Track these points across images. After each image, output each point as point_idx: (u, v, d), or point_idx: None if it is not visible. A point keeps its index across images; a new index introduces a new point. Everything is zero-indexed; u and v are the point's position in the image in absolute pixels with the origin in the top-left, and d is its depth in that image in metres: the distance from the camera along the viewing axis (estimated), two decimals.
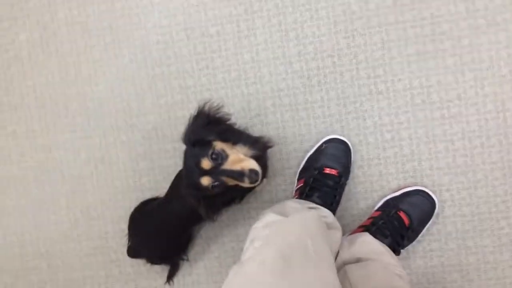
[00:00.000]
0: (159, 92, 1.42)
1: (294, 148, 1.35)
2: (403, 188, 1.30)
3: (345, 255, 1.16)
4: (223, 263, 1.41)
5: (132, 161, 1.44)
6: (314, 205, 1.19)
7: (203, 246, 1.42)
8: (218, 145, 0.99)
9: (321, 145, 1.31)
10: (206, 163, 0.97)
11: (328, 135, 1.32)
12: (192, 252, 1.42)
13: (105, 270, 1.47)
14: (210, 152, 0.97)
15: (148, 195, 1.43)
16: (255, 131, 1.35)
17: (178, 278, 1.43)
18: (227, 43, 1.38)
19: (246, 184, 0.98)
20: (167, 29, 1.40)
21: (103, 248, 1.47)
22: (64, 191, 1.48)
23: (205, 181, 0.98)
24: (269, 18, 1.35)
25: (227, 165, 0.98)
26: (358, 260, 1.13)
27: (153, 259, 1.35)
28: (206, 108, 1.03)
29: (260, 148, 1.09)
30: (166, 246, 1.31)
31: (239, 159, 0.99)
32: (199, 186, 0.99)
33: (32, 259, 1.51)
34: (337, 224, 1.17)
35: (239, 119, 1.36)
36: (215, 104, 1.04)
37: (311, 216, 0.98)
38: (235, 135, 1.05)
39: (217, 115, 1.04)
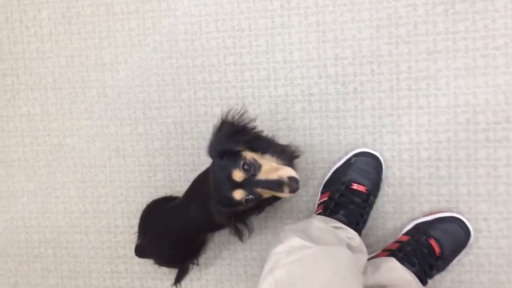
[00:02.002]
0: (182, 86, 1.33)
1: (321, 158, 1.26)
2: (436, 213, 1.19)
3: (369, 281, 1.07)
4: (233, 271, 1.33)
5: (148, 155, 1.37)
6: (339, 224, 1.10)
7: (214, 252, 1.34)
8: (248, 155, 0.91)
9: (351, 157, 1.21)
10: (238, 175, 0.89)
11: (359, 147, 1.22)
12: (203, 257, 1.34)
13: (111, 266, 1.41)
14: (241, 162, 0.89)
15: (161, 192, 1.35)
16: (280, 136, 1.26)
17: (186, 282, 1.36)
18: (258, 39, 1.28)
19: (285, 194, 0.89)
20: (196, 18, 1.31)
21: (111, 242, 1.40)
22: (74, 180, 1.41)
23: (238, 194, 0.90)
24: (306, 16, 1.24)
25: (262, 175, 0.90)
26: None
27: (162, 262, 1.28)
28: (230, 116, 0.96)
29: (287, 157, 1.01)
30: (176, 250, 1.23)
31: (273, 168, 0.91)
32: (231, 201, 0.91)
33: (37, 247, 1.45)
34: (363, 248, 1.07)
35: (264, 121, 1.27)
36: (239, 111, 0.97)
37: (344, 254, 0.90)
38: (263, 144, 0.98)
39: (242, 123, 0.96)
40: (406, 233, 1.20)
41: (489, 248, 1.19)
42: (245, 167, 0.89)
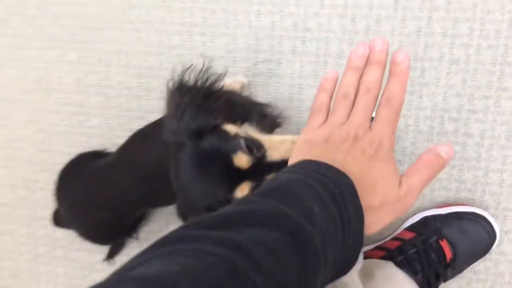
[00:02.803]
0: (131, 1, 0.96)
1: None
2: (453, 205, 0.90)
3: None
4: None
5: (80, 92, 1.02)
6: None
7: (159, 225, 1.03)
8: (234, 129, 0.63)
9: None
10: (244, 159, 0.59)
11: None
12: (144, 229, 1.04)
13: (27, 228, 1.09)
14: (241, 140, 0.60)
15: (96, 144, 1.02)
16: (258, 84, 0.92)
17: (122, 258, 1.06)
18: None
19: None
20: None
21: (28, 200, 1.08)
22: None
23: (244, 189, 0.60)
24: None
25: (273, 155, 0.61)
26: None
27: (85, 236, 0.96)
28: (191, 77, 0.63)
29: (267, 125, 0.69)
30: (103, 225, 0.92)
31: (277, 141, 0.63)
32: (226, 203, 0.58)
33: None
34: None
35: (238, 61, 0.93)
36: (202, 68, 0.64)
37: None
38: (241, 108, 0.70)
39: (210, 84, 0.64)
40: (410, 228, 0.91)
41: None
42: (248, 145, 0.61)
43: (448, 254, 0.86)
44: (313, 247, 0.37)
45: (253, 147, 0.61)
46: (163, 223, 1.03)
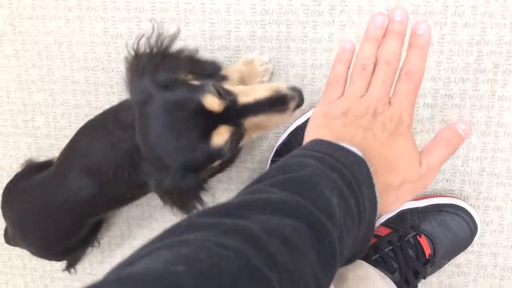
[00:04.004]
0: None
1: None
2: (432, 196, 0.84)
3: None
4: None
5: (22, 89, 0.92)
6: None
7: (121, 229, 0.96)
8: (197, 82, 0.62)
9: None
10: (215, 102, 0.57)
11: None
12: (106, 234, 0.97)
13: None
14: (209, 84, 0.58)
15: (45, 145, 0.94)
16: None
17: (84, 266, 0.99)
18: None
19: (288, 113, 0.61)
20: None
21: None
22: None
23: (222, 134, 0.58)
24: None
25: (244, 98, 0.59)
26: None
27: (37, 254, 0.88)
28: (146, 44, 0.62)
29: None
30: (57, 239, 0.84)
31: (248, 89, 0.62)
32: (205, 155, 0.58)
33: None
34: None
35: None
36: (155, 35, 0.63)
37: None
38: (208, 65, 0.69)
39: (168, 46, 0.64)
40: (385, 224, 0.85)
41: (496, 246, 0.86)
42: (218, 90, 0.58)
43: (427, 250, 0.80)
44: (331, 241, 0.36)
45: (222, 91, 0.59)
46: (124, 227, 0.96)
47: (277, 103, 0.59)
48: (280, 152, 0.83)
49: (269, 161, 0.85)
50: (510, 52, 0.77)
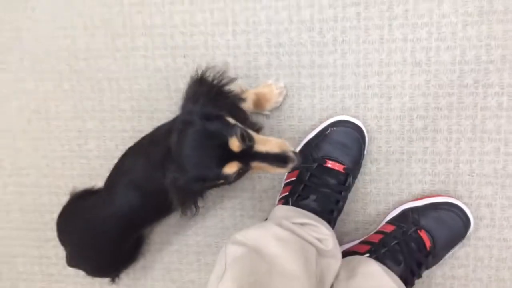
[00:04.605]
0: (116, 30, 1.04)
1: (290, 126, 1.00)
2: (429, 196, 0.96)
3: None
4: (183, 259, 1.10)
5: (76, 118, 1.10)
6: (308, 219, 0.86)
7: (161, 236, 1.11)
8: (232, 121, 0.77)
9: (326, 127, 0.96)
10: (236, 144, 0.73)
11: (337, 114, 0.96)
12: (146, 244, 1.11)
13: (39, 250, 1.17)
14: (238, 130, 0.73)
15: (96, 165, 1.10)
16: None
17: (128, 271, 1.13)
18: None
19: (284, 170, 0.76)
20: None
21: (37, 223, 1.16)
22: None
23: (232, 168, 0.73)
24: None
25: (260, 147, 0.76)
26: None
27: (92, 274, 1.04)
28: (211, 74, 0.80)
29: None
30: (107, 257, 1.00)
31: (266, 140, 0.78)
32: (216, 176, 0.74)
33: None
34: (337, 253, 0.85)
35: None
36: (220, 70, 0.81)
37: None
38: (239, 111, 0.84)
39: (224, 86, 0.80)
40: (391, 221, 0.97)
41: (490, 239, 0.98)
42: (242, 136, 0.73)
43: (428, 243, 0.92)
44: None
45: (246, 137, 0.74)
46: (163, 234, 1.11)
47: (281, 160, 0.75)
48: None
49: None
50: (487, 69, 0.92)
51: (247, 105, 0.92)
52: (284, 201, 0.94)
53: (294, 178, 0.95)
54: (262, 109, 0.97)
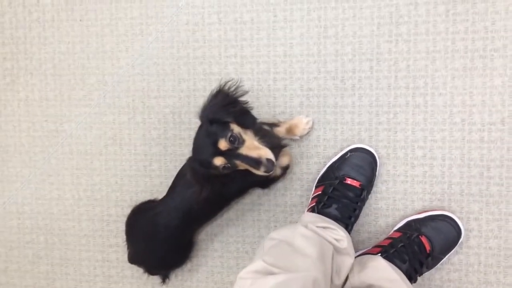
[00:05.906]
0: (182, 76, 1.34)
1: (317, 153, 1.26)
2: (428, 211, 1.20)
3: (354, 281, 1.08)
4: (225, 263, 1.33)
5: (144, 144, 1.37)
6: (328, 223, 1.11)
7: (206, 243, 1.34)
8: (236, 128, 0.99)
9: (346, 153, 1.22)
10: (223, 144, 0.96)
11: (354, 143, 1.23)
12: (193, 250, 1.34)
13: (102, 254, 1.41)
14: (228, 133, 0.96)
15: (156, 182, 1.36)
16: None
17: (177, 273, 1.36)
18: (260, 33, 1.29)
19: (260, 172, 0.97)
20: (199, 9, 1.32)
21: (103, 231, 1.40)
22: (70, 167, 1.41)
23: (218, 161, 0.97)
24: (309, 11, 1.26)
25: (244, 150, 0.98)
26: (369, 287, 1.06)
27: (151, 269, 1.29)
28: (227, 87, 1.02)
29: (271, 142, 1.06)
30: (163, 255, 1.24)
31: (254, 146, 0.99)
32: (208, 165, 0.98)
33: (29, 233, 1.45)
34: (351, 251, 1.09)
35: (262, 114, 1.28)
36: (235, 83, 1.03)
37: (309, 281, 0.90)
38: (249, 120, 1.04)
39: (236, 95, 1.02)
40: (398, 230, 1.21)
41: (479, 248, 1.20)
42: (231, 138, 0.96)
43: (427, 247, 1.14)
44: None
45: (236, 140, 0.96)
46: (209, 242, 1.34)
47: (256, 163, 0.96)
48: (322, 179, 1.23)
49: (315, 182, 1.24)
50: (472, 111, 1.19)
51: (280, 131, 1.20)
52: (311, 209, 1.19)
53: (320, 192, 1.20)
54: (293, 135, 1.24)
